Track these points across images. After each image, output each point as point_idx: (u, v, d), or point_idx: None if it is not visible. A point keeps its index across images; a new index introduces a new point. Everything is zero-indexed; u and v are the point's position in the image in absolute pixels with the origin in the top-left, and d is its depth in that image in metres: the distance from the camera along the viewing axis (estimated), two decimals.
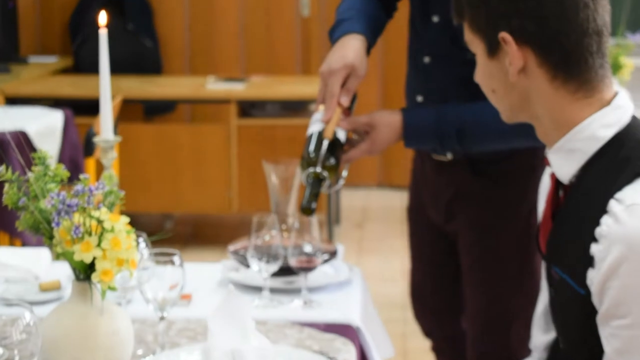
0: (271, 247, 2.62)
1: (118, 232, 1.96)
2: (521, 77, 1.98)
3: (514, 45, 1.95)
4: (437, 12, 2.97)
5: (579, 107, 1.96)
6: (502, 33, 1.96)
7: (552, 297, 2.04)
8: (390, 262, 6.29)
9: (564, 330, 2.02)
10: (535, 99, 1.99)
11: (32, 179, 2.03)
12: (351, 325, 2.55)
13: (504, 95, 2.03)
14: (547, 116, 1.99)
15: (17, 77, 6.82)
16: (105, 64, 2.70)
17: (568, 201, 1.99)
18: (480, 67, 2.05)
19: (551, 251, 2.02)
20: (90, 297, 2.01)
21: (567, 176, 1.98)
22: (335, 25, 2.99)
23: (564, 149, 1.97)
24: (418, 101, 3.08)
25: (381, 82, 8.03)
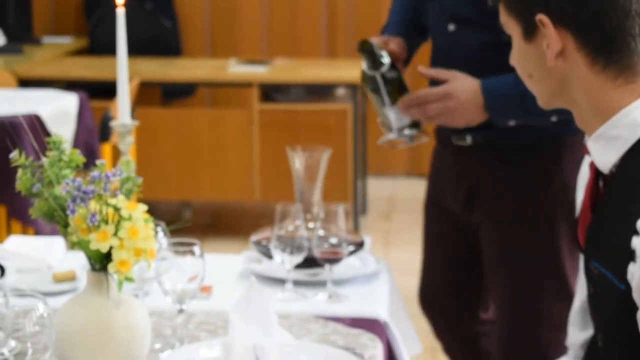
0: (295, 237, 2.62)
1: (136, 220, 1.96)
2: (559, 61, 1.97)
3: (552, 27, 1.94)
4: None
5: (620, 94, 1.95)
6: (540, 15, 1.95)
7: (591, 293, 2.04)
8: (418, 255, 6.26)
9: (603, 327, 2.02)
10: (574, 84, 1.98)
11: (46, 165, 2.03)
12: (378, 320, 2.55)
13: (541, 80, 2.03)
14: (586, 102, 1.98)
15: (31, 59, 6.84)
16: (122, 45, 2.70)
17: (608, 192, 1.98)
18: (516, 51, 2.04)
19: (590, 245, 2.01)
20: (106, 289, 2.01)
21: (607, 165, 1.97)
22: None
23: (605, 136, 1.96)
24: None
25: None
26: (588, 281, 2.04)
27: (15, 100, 5.15)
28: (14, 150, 2.07)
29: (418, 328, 2.92)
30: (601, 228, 1.97)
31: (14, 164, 2.05)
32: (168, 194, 6.38)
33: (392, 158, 8.02)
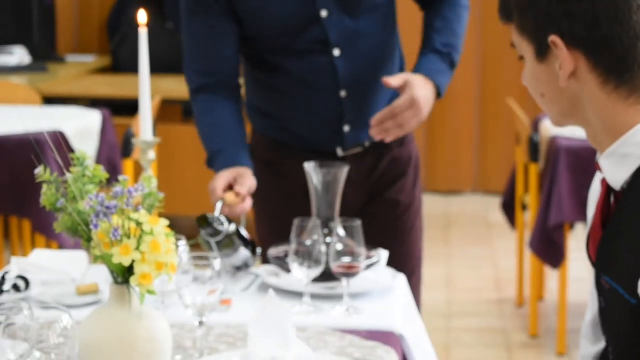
0: (313, 252, 2.62)
1: (157, 235, 1.97)
2: (572, 82, 1.97)
3: (565, 49, 1.94)
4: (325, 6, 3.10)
5: (632, 113, 1.95)
6: (552, 36, 1.95)
7: (602, 307, 2.03)
8: (432, 269, 6.27)
9: (615, 341, 2.01)
10: (587, 104, 1.98)
11: (70, 180, 2.04)
12: (394, 333, 2.55)
13: (553, 100, 2.02)
14: (598, 121, 1.98)
15: (55, 77, 6.86)
16: (145, 64, 2.71)
17: (619, 208, 1.98)
18: (528, 71, 2.04)
19: (601, 260, 2.01)
20: (128, 302, 2.02)
21: (619, 182, 1.97)
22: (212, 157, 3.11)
23: (617, 154, 1.96)
24: (342, 96, 3.18)
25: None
26: (599, 295, 2.03)
27: (40, 117, 5.16)
28: (39, 166, 2.08)
29: (434, 342, 2.91)
30: (612, 244, 1.97)
31: (39, 180, 2.06)
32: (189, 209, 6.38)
33: None
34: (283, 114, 3.26)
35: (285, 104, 3.23)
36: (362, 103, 3.19)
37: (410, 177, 3.38)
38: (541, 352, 5.04)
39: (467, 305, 5.70)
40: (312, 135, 3.23)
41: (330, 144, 3.22)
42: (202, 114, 3.19)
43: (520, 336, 5.22)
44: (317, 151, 3.19)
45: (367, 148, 3.23)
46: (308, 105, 3.20)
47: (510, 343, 5.15)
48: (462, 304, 5.72)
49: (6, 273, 2.75)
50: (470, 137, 8.00)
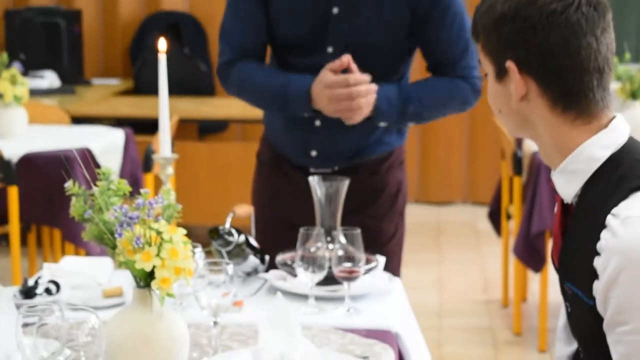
0: (317, 258, 2.63)
1: (176, 242, 1.97)
2: (523, 103, 1.98)
3: (518, 74, 1.96)
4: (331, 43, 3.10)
5: (577, 133, 1.96)
6: (509, 61, 1.96)
7: (569, 312, 2.04)
8: (426, 273, 6.28)
9: (582, 341, 2.02)
10: (537, 123, 1.99)
11: (96, 193, 2.05)
12: (390, 331, 2.55)
13: (508, 116, 2.04)
14: (549, 139, 1.99)
15: (82, 98, 6.87)
16: (164, 86, 2.72)
17: (573, 219, 1.99)
18: (489, 87, 2.06)
19: (563, 267, 2.01)
20: (150, 303, 2.02)
21: (570, 196, 1.99)
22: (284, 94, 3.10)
23: (566, 170, 1.97)
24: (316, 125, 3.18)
25: None
26: (565, 300, 2.04)
27: (68, 136, 5.17)
28: (68, 181, 2.08)
29: (427, 339, 2.91)
30: (570, 252, 1.98)
31: (68, 193, 2.07)
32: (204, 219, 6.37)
33: None
34: (272, 122, 3.32)
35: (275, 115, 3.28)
36: (333, 134, 3.17)
37: (382, 206, 3.28)
38: (524, 348, 5.04)
39: (457, 306, 5.69)
40: (286, 148, 3.27)
41: (301, 162, 3.24)
42: (250, 72, 3.15)
43: (506, 334, 5.21)
44: (292, 163, 3.26)
45: (336, 171, 3.20)
46: (288, 123, 3.23)
47: (496, 340, 5.14)
48: (452, 304, 5.72)
49: (39, 278, 2.76)
50: (460, 153, 8.00)
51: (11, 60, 5.44)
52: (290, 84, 3.08)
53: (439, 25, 3.08)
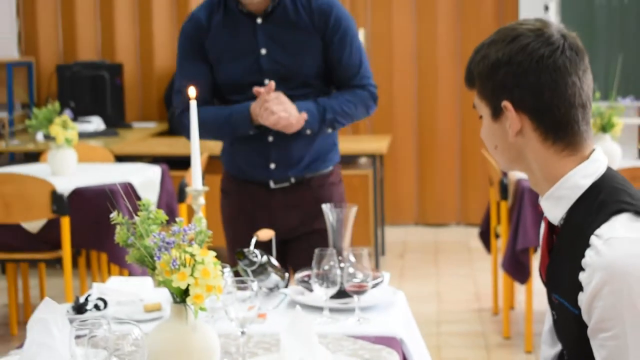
0: (330, 274, 2.63)
1: (207, 264, 1.97)
2: (518, 137, 1.98)
3: (514, 112, 1.96)
4: (267, 77, 3.36)
5: (564, 163, 1.96)
6: (505, 102, 1.96)
7: (555, 319, 2.03)
8: (425, 286, 6.26)
9: (566, 344, 2.01)
10: (529, 155, 1.99)
11: (138, 222, 2.05)
12: (396, 337, 2.54)
13: (503, 151, 2.03)
14: (538, 169, 1.99)
15: (124, 140, 6.89)
16: (194, 128, 2.72)
17: (559, 239, 1.99)
18: (485, 127, 2.05)
19: (550, 281, 2.01)
20: (185, 317, 2.02)
21: (556, 219, 1.98)
22: (230, 118, 3.36)
23: (553, 196, 1.97)
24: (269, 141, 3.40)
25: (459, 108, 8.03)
26: (551, 309, 2.03)
27: (112, 172, 5.18)
28: (113, 211, 2.09)
29: (427, 344, 2.90)
30: (557, 267, 1.97)
31: (113, 222, 2.07)
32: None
33: (404, 211, 8.00)
34: (233, 151, 3.50)
35: (234, 143, 3.48)
36: (285, 148, 3.40)
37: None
38: (513, 351, 5.01)
39: (453, 314, 5.67)
40: (248, 169, 3.46)
41: (264, 177, 3.45)
42: (200, 115, 3.19)
43: (496, 338, 5.19)
44: (255, 182, 3.47)
45: (292, 184, 3.43)
46: (246, 145, 3.43)
47: (488, 344, 5.12)
48: (449, 313, 5.70)
49: (89, 296, 2.76)
50: (454, 181, 7.99)
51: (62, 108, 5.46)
52: (234, 110, 3.34)
53: (340, 47, 3.34)
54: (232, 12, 3.36)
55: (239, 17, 3.34)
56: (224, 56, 3.36)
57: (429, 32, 7.84)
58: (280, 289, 2.86)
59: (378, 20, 7.89)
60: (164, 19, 7.96)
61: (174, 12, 7.93)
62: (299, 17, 3.31)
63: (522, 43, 1.94)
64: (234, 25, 3.35)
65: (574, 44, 1.96)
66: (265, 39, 3.33)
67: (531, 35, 1.94)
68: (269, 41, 3.32)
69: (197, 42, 3.39)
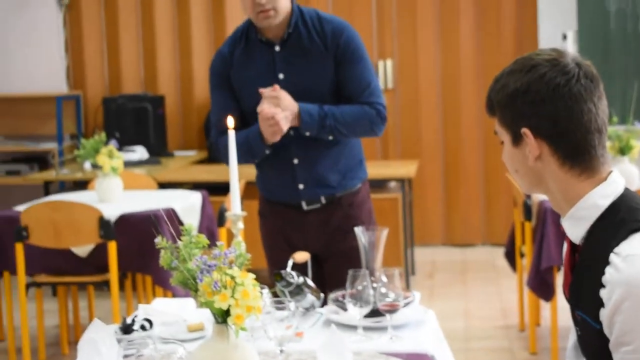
0: (363, 294, 2.62)
1: (247, 285, 1.97)
2: (537, 162, 1.97)
3: (532, 138, 1.96)
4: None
5: (582, 185, 1.96)
6: (524, 128, 1.96)
7: (579, 335, 2.02)
8: (454, 304, 6.22)
9: (591, 359, 2.00)
10: (549, 178, 1.98)
11: (181, 246, 2.05)
12: (427, 354, 2.53)
13: (524, 175, 2.03)
14: (558, 192, 1.98)
15: (166, 167, 6.93)
16: (233, 156, 2.73)
17: (581, 258, 1.98)
18: (506, 152, 2.05)
19: (573, 298, 2.00)
20: (227, 336, 2.02)
21: (577, 238, 1.97)
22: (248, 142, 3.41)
23: (574, 217, 1.97)
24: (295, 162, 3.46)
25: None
26: (575, 325, 2.02)
27: (156, 199, 5.21)
28: (157, 236, 2.09)
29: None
30: (579, 285, 1.96)
31: (158, 247, 2.08)
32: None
33: (432, 232, 7.97)
34: (264, 175, 3.58)
35: (264, 167, 3.55)
36: (311, 168, 3.45)
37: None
38: None
39: (481, 331, 5.63)
40: (279, 191, 3.52)
41: (295, 198, 3.49)
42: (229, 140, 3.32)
43: (523, 354, 5.15)
44: (289, 205, 3.51)
45: (324, 204, 3.46)
46: (273, 169, 3.50)
47: (515, 359, 5.08)
48: (477, 329, 5.66)
49: (135, 316, 2.77)
50: (479, 203, 7.95)
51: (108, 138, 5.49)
52: (249, 132, 3.41)
53: (350, 65, 3.40)
54: (253, 42, 3.47)
55: (259, 46, 3.46)
56: (246, 83, 3.45)
57: (452, 61, 7.84)
58: (316, 308, 2.85)
59: (404, 52, 7.90)
60: (202, 54, 8.01)
61: (212, 47, 7.98)
62: (312, 41, 3.41)
63: (539, 73, 1.94)
64: (254, 54, 3.46)
65: (589, 72, 1.95)
66: (282, 64, 3.42)
67: (547, 65, 1.94)
68: (285, 66, 3.42)
69: (224, 74, 3.50)
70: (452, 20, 7.82)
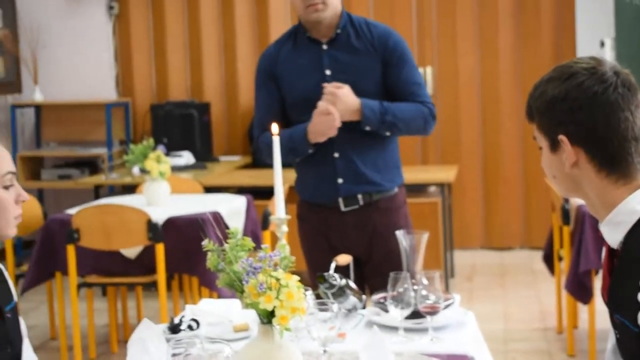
0: (404, 296, 2.61)
1: (291, 287, 1.98)
2: (574, 169, 1.96)
3: (569, 145, 1.94)
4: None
5: (620, 191, 1.94)
6: (561, 135, 1.95)
7: (617, 338, 2.00)
8: (493, 306, 6.18)
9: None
10: (586, 185, 1.97)
11: (227, 249, 2.06)
12: (467, 355, 2.51)
13: (561, 181, 2.02)
14: (595, 197, 1.97)
15: (212, 172, 6.96)
16: (277, 161, 2.74)
17: (619, 262, 1.96)
18: (544, 158, 2.04)
19: (612, 301, 1.98)
20: (272, 336, 2.02)
21: (616, 242, 1.96)
22: (293, 141, 3.45)
23: (611, 222, 1.95)
24: (335, 157, 3.47)
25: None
26: (614, 329, 2.00)
27: (202, 202, 5.23)
28: (204, 239, 2.11)
29: None
30: (617, 289, 1.94)
31: (205, 249, 2.09)
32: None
33: (471, 236, 7.93)
34: (303, 174, 3.58)
35: (304, 164, 3.56)
36: (351, 162, 3.45)
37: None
38: None
39: (519, 333, 5.59)
40: (318, 188, 3.52)
41: (333, 196, 3.48)
42: (270, 138, 3.31)
43: (561, 356, 5.10)
44: (327, 206, 3.52)
45: (361, 205, 3.47)
46: (313, 164, 3.51)
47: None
48: (516, 332, 5.62)
49: (182, 317, 2.78)
50: (518, 207, 7.90)
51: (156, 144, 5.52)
52: (294, 131, 3.44)
53: (399, 66, 3.44)
54: (301, 40, 3.52)
55: (307, 44, 3.50)
56: (292, 77, 3.49)
57: (492, 68, 7.80)
58: (358, 310, 2.85)
59: (444, 60, 7.88)
60: (246, 62, 8.05)
61: (255, 56, 8.00)
62: (361, 42, 3.46)
63: (577, 81, 1.93)
64: (301, 50, 3.51)
65: (627, 80, 1.93)
66: (329, 61, 3.46)
67: (585, 73, 1.93)
68: (333, 63, 3.46)
69: (269, 73, 3.53)
70: (491, 28, 7.78)
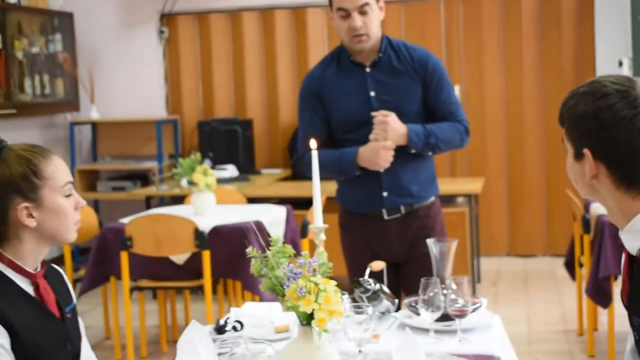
0: (434, 300, 2.60)
1: (329, 291, 1.98)
2: (594, 181, 1.95)
3: (592, 159, 1.93)
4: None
5: (638, 204, 1.92)
6: (585, 149, 1.93)
7: (636, 339, 1.98)
8: (517, 310, 6.14)
9: None
10: (605, 194, 1.96)
11: (269, 256, 2.07)
12: (494, 356, 2.50)
13: (582, 186, 2.01)
14: (614, 207, 1.96)
15: (254, 184, 6.98)
16: (316, 174, 2.74)
17: (638, 268, 1.94)
18: (569, 163, 2.03)
19: (631, 304, 1.96)
20: (311, 337, 2.02)
21: (635, 249, 1.94)
22: (341, 163, 3.46)
23: (631, 230, 1.93)
24: (381, 171, 3.46)
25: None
26: (633, 331, 1.98)
27: (245, 212, 5.25)
28: (248, 246, 2.11)
29: None
30: (637, 293, 1.92)
31: (249, 256, 2.09)
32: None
33: (496, 243, 7.88)
34: (347, 187, 3.57)
35: (349, 179, 3.53)
36: (395, 177, 3.47)
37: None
38: None
39: (542, 335, 5.54)
40: (362, 200, 3.52)
41: (377, 207, 3.49)
42: (318, 154, 3.31)
43: (582, 356, 5.05)
44: (371, 215, 3.51)
45: (403, 214, 3.49)
46: (360, 179, 3.50)
47: None
48: (539, 334, 5.57)
49: (227, 318, 2.79)
50: (541, 217, 7.84)
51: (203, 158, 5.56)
52: (343, 153, 3.45)
53: (438, 88, 3.46)
54: (344, 63, 3.52)
55: (351, 67, 3.50)
56: (339, 97, 3.48)
57: (516, 85, 7.77)
58: (391, 312, 2.84)
59: (471, 77, 7.85)
60: (287, 81, 8.07)
61: (296, 75, 8.03)
62: (401, 64, 3.46)
63: (608, 102, 1.90)
64: (346, 73, 3.50)
65: None
66: (373, 83, 3.46)
67: (618, 96, 1.90)
68: (376, 85, 3.46)
69: (314, 93, 3.52)
70: (515, 48, 7.75)
